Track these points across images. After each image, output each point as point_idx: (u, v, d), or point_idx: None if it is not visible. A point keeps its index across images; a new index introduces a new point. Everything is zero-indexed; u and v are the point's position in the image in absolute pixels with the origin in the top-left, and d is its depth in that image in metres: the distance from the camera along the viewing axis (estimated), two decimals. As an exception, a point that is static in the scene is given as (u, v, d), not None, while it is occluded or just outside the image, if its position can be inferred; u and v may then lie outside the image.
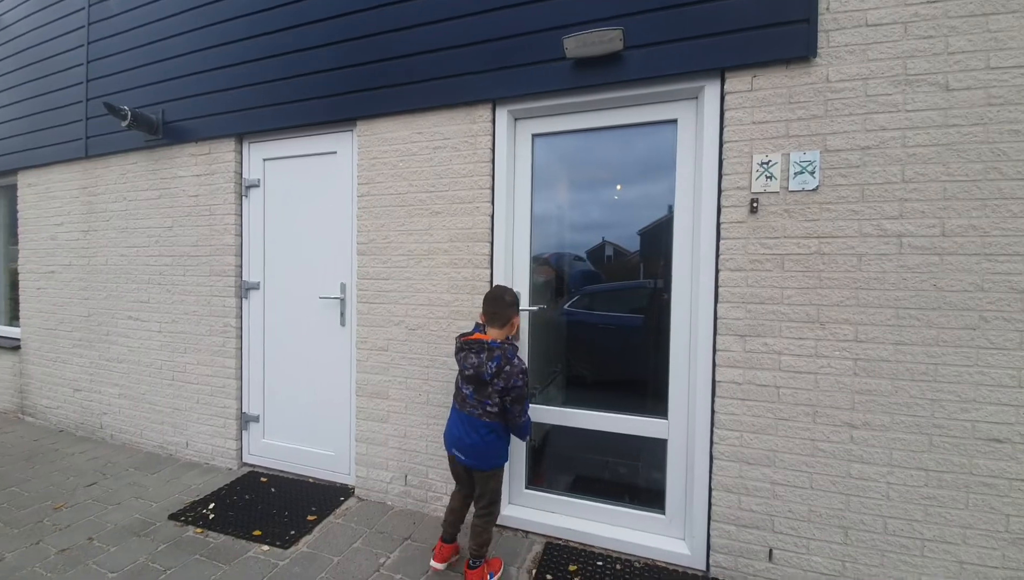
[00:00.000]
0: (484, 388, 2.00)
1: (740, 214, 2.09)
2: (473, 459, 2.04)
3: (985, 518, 1.86)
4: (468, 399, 2.04)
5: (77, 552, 2.32)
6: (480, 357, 2.00)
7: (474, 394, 2.03)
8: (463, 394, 2.07)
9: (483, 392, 2.01)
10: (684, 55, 2.16)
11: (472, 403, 2.03)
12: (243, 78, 3.08)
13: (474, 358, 2.00)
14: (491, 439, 2.03)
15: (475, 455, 2.03)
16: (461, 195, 2.59)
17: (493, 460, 2.07)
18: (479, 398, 2.02)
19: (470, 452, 2.03)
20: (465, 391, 2.06)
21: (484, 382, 1.99)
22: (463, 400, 2.07)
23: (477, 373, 1.99)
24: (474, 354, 2.01)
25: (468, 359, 2.02)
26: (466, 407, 2.05)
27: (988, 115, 1.84)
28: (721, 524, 2.14)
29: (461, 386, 2.08)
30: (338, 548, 2.37)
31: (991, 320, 1.83)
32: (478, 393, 2.02)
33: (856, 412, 1.95)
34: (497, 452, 2.07)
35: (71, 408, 3.99)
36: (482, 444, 2.02)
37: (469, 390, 2.04)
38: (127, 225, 3.63)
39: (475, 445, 2.02)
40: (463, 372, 2.05)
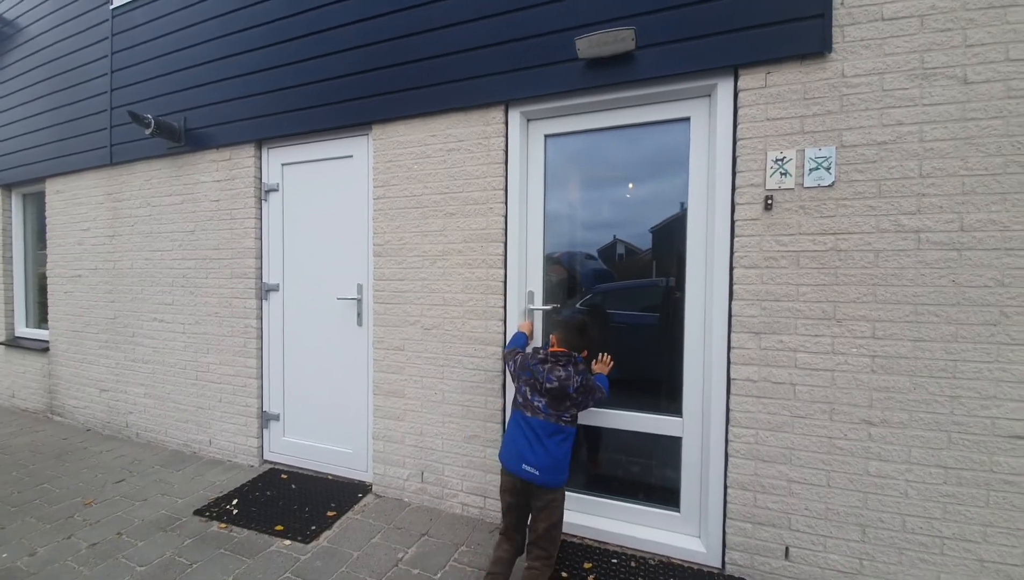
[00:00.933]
0: (563, 401, 1.93)
1: (754, 211, 2.09)
2: (548, 472, 1.88)
3: (1006, 516, 1.83)
4: (541, 410, 1.94)
5: (107, 546, 2.41)
6: (568, 370, 1.94)
7: (549, 406, 1.93)
8: (534, 405, 1.95)
9: (560, 405, 1.94)
10: (697, 53, 2.16)
11: (547, 414, 1.93)
12: (261, 85, 3.16)
13: (561, 371, 1.93)
14: (567, 447, 1.94)
15: (553, 467, 1.89)
16: (475, 196, 2.62)
17: (565, 473, 1.94)
18: (555, 410, 1.93)
19: (548, 461, 1.88)
20: (537, 402, 1.95)
21: (566, 395, 1.93)
22: (535, 410, 1.95)
23: (563, 385, 1.91)
24: (561, 367, 1.95)
25: (555, 371, 1.94)
26: (539, 415, 1.94)
27: (1008, 108, 1.81)
28: (737, 522, 2.14)
29: (531, 398, 1.97)
30: (357, 543, 2.42)
31: (1012, 315, 1.81)
32: (553, 405, 1.93)
33: (874, 409, 1.94)
34: (568, 463, 1.95)
35: (98, 408, 4.12)
36: (560, 451, 1.91)
37: (543, 402, 1.94)
38: (151, 229, 3.74)
39: (556, 454, 1.90)
40: (543, 385, 1.93)
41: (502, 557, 1.96)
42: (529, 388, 2.00)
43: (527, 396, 2.00)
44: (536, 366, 1.99)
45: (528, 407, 1.98)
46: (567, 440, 1.95)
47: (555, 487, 1.92)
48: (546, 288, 2.64)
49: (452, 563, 2.27)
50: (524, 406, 2.00)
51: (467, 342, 2.66)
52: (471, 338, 2.65)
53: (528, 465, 1.89)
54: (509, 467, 1.96)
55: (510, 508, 2.00)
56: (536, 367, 1.98)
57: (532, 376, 1.98)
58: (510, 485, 1.98)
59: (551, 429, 1.92)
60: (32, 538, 2.47)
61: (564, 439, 1.94)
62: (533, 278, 2.61)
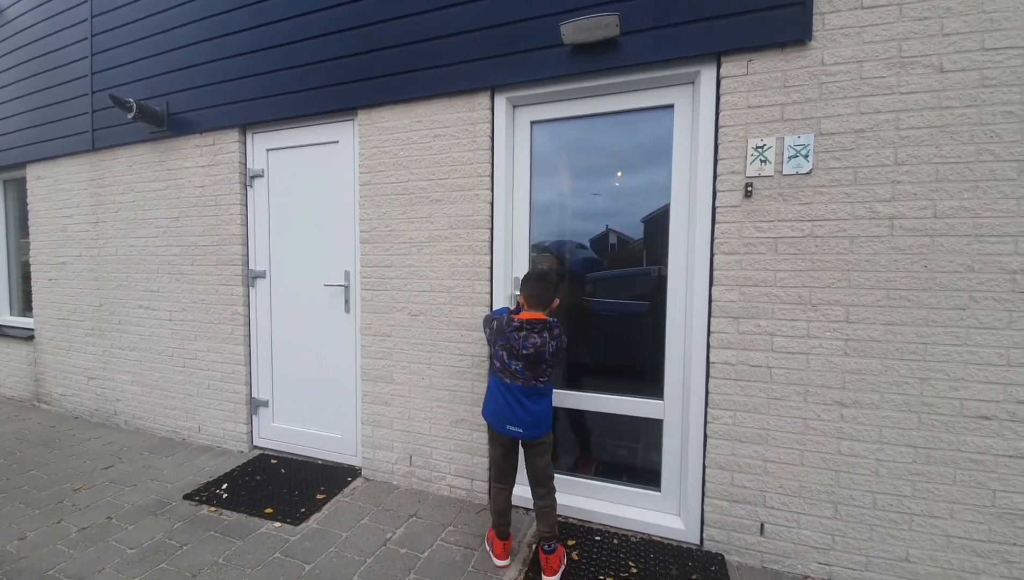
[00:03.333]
0: (539, 365, 1.99)
1: (735, 198, 2.13)
2: (532, 429, 2.02)
3: (972, 493, 1.91)
4: (519, 374, 2.00)
5: (97, 530, 2.43)
6: (543, 337, 1.97)
7: (526, 369, 1.99)
8: (512, 369, 2.01)
9: (537, 368, 2.00)
10: (680, 40, 2.17)
11: (524, 377, 2.00)
12: (245, 69, 3.12)
13: (536, 338, 1.96)
14: (547, 402, 2.07)
15: (534, 423, 2.02)
16: (461, 183, 2.63)
17: (549, 422, 2.08)
18: (532, 373, 2.00)
19: (529, 421, 2.01)
20: (515, 366, 2.00)
21: (542, 360, 1.98)
22: (513, 374, 2.01)
23: (538, 352, 1.96)
24: (536, 334, 1.97)
25: (530, 339, 1.96)
26: (518, 379, 2.01)
27: (982, 97, 1.85)
28: (714, 500, 2.21)
29: (508, 362, 2.01)
30: (347, 524, 2.47)
31: (980, 300, 1.87)
32: (530, 369, 1.99)
33: (846, 391, 2.00)
34: (550, 413, 2.09)
35: (85, 395, 4.11)
36: (540, 410, 2.03)
37: (520, 366, 1.99)
38: (135, 216, 3.70)
39: (537, 412, 2.02)
40: (519, 351, 1.97)
41: (504, 509, 2.15)
42: (505, 353, 2.03)
43: (504, 361, 2.04)
44: (512, 333, 2.00)
45: (506, 372, 2.04)
46: (545, 397, 2.07)
47: (542, 437, 2.06)
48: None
49: (439, 542, 2.33)
50: (502, 371, 2.05)
51: (454, 328, 2.69)
52: (458, 324, 2.68)
53: (512, 425, 2.03)
54: (495, 427, 2.09)
55: (500, 459, 2.14)
56: (512, 334, 2.00)
57: (508, 342, 2.01)
58: (499, 443, 2.12)
59: (530, 391, 2.02)
60: (22, 523, 2.48)
61: (542, 397, 2.05)
62: (520, 264, 2.63)
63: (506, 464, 2.14)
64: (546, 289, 2.04)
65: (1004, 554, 1.89)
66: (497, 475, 2.17)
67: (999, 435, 1.87)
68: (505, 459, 2.13)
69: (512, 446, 2.11)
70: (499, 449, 2.12)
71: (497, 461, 2.15)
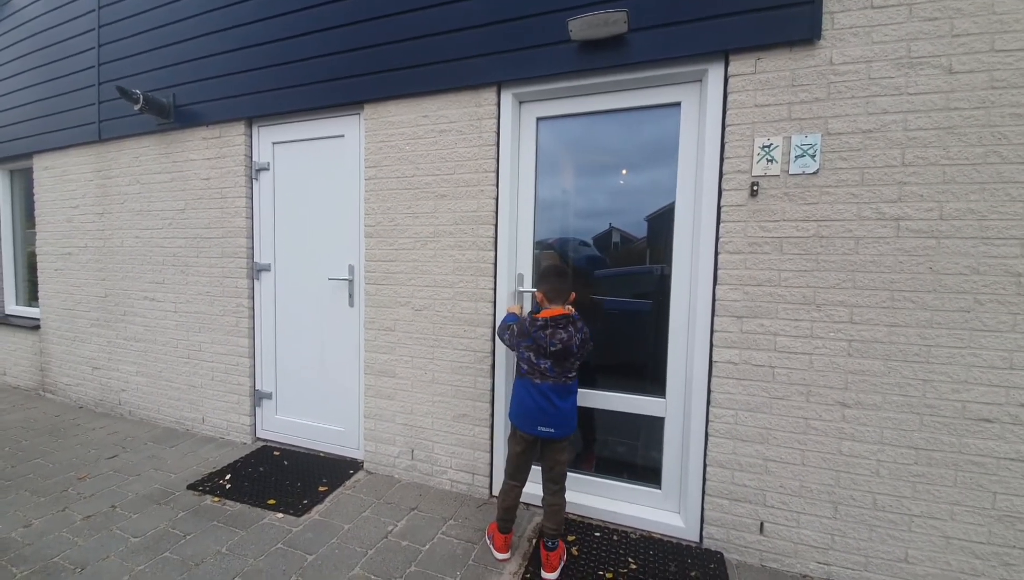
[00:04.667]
0: (567, 359, 2.02)
1: (740, 197, 2.12)
2: (562, 427, 2.04)
3: (973, 495, 1.91)
4: (549, 372, 2.02)
5: (101, 519, 2.45)
6: (569, 331, 2.00)
7: (554, 366, 2.01)
8: (541, 369, 2.02)
9: (566, 363, 2.02)
10: (689, 37, 2.16)
11: (554, 375, 2.02)
12: (251, 62, 3.12)
13: (563, 333, 1.99)
14: (574, 399, 2.09)
15: (565, 422, 2.04)
16: (466, 178, 2.63)
17: (575, 422, 2.10)
18: (560, 369, 2.02)
19: (561, 420, 2.03)
20: (543, 365, 2.02)
21: (570, 353, 2.01)
22: (543, 374, 2.02)
23: (566, 347, 1.98)
24: (562, 329, 2.00)
25: (557, 335, 1.99)
26: (548, 379, 2.02)
27: (990, 98, 1.84)
28: (715, 498, 2.22)
29: (537, 362, 2.03)
30: (348, 516, 2.49)
31: (985, 303, 1.86)
32: (559, 364, 2.01)
33: (848, 392, 2.00)
34: (576, 413, 2.11)
35: (90, 385, 4.14)
36: (570, 407, 2.06)
37: (548, 364, 2.01)
38: (141, 208, 3.72)
39: (567, 411, 2.04)
40: (548, 349, 1.99)
41: (512, 505, 2.17)
42: (532, 353, 2.04)
43: (532, 362, 2.05)
44: (537, 333, 2.02)
45: (535, 373, 2.04)
46: (573, 394, 2.09)
47: (566, 438, 2.08)
48: (536, 271, 2.67)
49: (440, 535, 2.34)
50: (531, 373, 2.06)
51: (457, 323, 2.70)
52: (461, 319, 2.69)
53: (543, 426, 2.03)
54: (524, 430, 2.08)
55: (519, 455, 2.14)
56: (537, 334, 2.02)
57: (534, 342, 2.03)
58: (522, 441, 2.11)
59: (561, 391, 2.03)
60: (26, 511, 2.51)
61: (571, 394, 2.07)
62: (524, 261, 2.64)
63: (524, 461, 2.15)
64: (564, 282, 2.08)
65: (1003, 556, 1.89)
66: (513, 472, 2.16)
67: (1001, 438, 1.87)
68: (524, 456, 2.13)
69: (534, 443, 2.11)
70: (521, 445, 2.12)
71: (516, 458, 2.14)
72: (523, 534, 2.36)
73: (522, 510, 2.55)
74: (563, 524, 2.11)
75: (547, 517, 2.11)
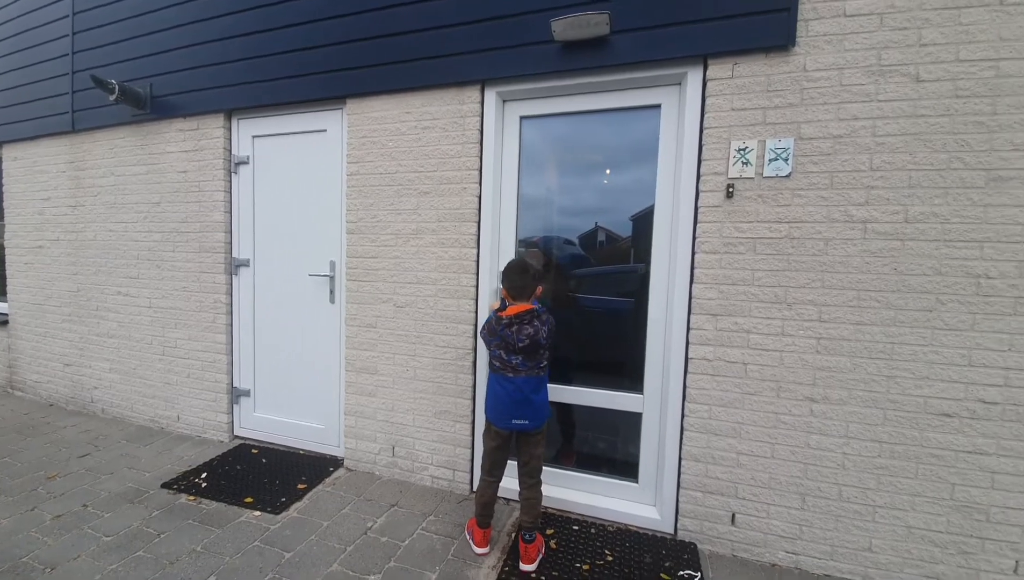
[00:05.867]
0: (537, 351, 2.08)
1: (717, 199, 2.17)
2: (536, 419, 2.11)
3: (933, 487, 2.00)
4: (521, 367, 2.08)
5: (72, 518, 2.40)
6: (535, 325, 2.05)
7: (526, 361, 2.08)
8: (512, 364, 2.08)
9: (535, 355, 2.09)
10: (669, 41, 2.20)
11: (526, 369, 2.08)
12: (232, 53, 3.07)
13: (529, 328, 2.04)
14: (546, 392, 2.19)
15: (537, 413, 2.11)
16: (449, 175, 2.64)
17: (547, 412, 2.18)
18: (532, 362, 2.09)
19: (534, 412, 2.10)
20: (515, 361, 2.08)
21: (539, 346, 2.06)
22: (515, 369, 2.08)
23: (534, 341, 2.03)
24: (528, 324, 2.05)
25: (523, 331, 2.04)
26: (521, 373, 2.08)
27: (955, 106, 1.91)
28: (689, 491, 2.28)
29: (508, 358, 2.09)
30: (328, 513, 2.48)
31: (947, 302, 1.94)
32: (530, 358, 2.08)
33: (816, 387, 2.08)
34: (547, 403, 2.20)
35: (61, 383, 4.03)
36: (543, 398, 2.14)
37: (519, 359, 2.07)
38: (116, 200, 3.63)
39: (539, 402, 2.12)
40: (516, 345, 2.04)
41: (490, 500, 2.20)
42: (503, 351, 2.10)
43: (503, 358, 2.11)
44: (503, 330, 2.07)
45: (508, 368, 2.10)
46: (543, 385, 2.17)
47: (540, 429, 2.15)
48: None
49: (420, 531, 2.36)
50: (503, 368, 2.11)
51: (439, 320, 2.71)
52: (443, 316, 2.70)
53: (517, 419, 2.10)
54: (499, 425, 2.13)
55: (495, 450, 2.18)
56: (504, 332, 2.07)
57: (503, 340, 2.08)
58: (497, 436, 2.16)
59: (535, 383, 2.10)
60: (-7, 510, 2.44)
61: (541, 386, 2.15)
62: (506, 259, 2.65)
63: (500, 457, 2.19)
64: (527, 279, 2.11)
65: (961, 545, 1.98)
66: (490, 467, 2.20)
67: (960, 432, 1.96)
68: (500, 451, 2.18)
69: (509, 438, 2.17)
70: (497, 441, 2.16)
71: (492, 453, 2.18)
72: (503, 528, 2.39)
73: (501, 505, 2.57)
74: (540, 517, 2.17)
75: (524, 511, 2.15)
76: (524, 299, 2.10)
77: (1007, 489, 1.93)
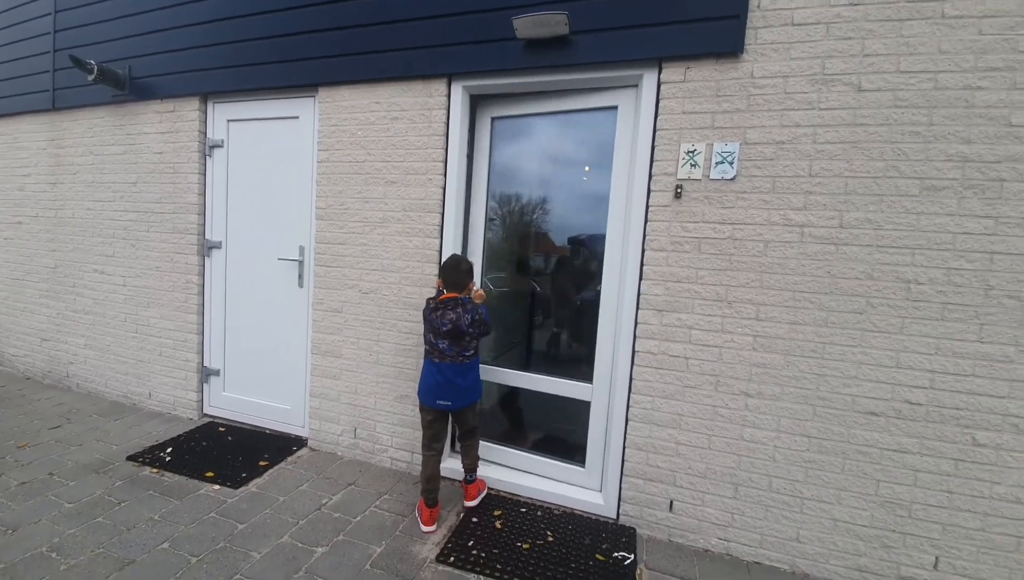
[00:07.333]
0: (461, 338, 2.22)
1: (666, 198, 2.25)
2: (462, 400, 2.27)
3: (858, 482, 2.09)
4: (447, 351, 2.22)
5: (37, 485, 2.48)
6: (457, 312, 2.20)
7: (452, 346, 2.22)
8: (439, 348, 2.23)
9: (460, 342, 2.23)
10: (627, 43, 2.26)
11: (452, 354, 2.22)
12: (208, 37, 3.11)
13: (451, 314, 2.19)
14: (475, 375, 2.33)
15: (463, 396, 2.27)
16: (415, 166, 2.70)
17: (476, 394, 2.35)
18: (457, 348, 2.23)
19: (459, 395, 2.25)
20: (441, 345, 2.23)
21: (462, 333, 2.20)
22: (441, 353, 2.23)
23: (456, 326, 2.19)
24: (451, 310, 2.20)
25: (446, 316, 2.19)
26: (446, 358, 2.23)
27: (893, 116, 1.98)
28: (631, 478, 2.37)
29: (436, 342, 2.24)
30: (285, 490, 2.57)
31: (877, 306, 2.03)
32: (456, 344, 2.22)
33: (752, 383, 2.16)
34: (478, 383, 2.36)
35: (38, 357, 4.09)
36: (470, 383, 2.29)
37: (445, 343, 2.22)
38: (93, 179, 3.67)
39: (466, 387, 2.26)
40: (440, 329, 2.20)
41: (433, 475, 2.31)
42: (432, 334, 2.26)
43: (432, 342, 2.26)
44: (431, 314, 2.25)
45: (435, 352, 2.26)
46: (473, 369, 2.32)
47: (469, 406, 2.33)
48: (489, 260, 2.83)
49: (373, 508, 2.45)
50: (431, 353, 2.28)
51: (402, 307, 2.78)
52: (406, 303, 2.77)
53: (441, 400, 2.26)
54: (426, 403, 2.30)
55: (429, 424, 2.33)
56: (431, 316, 2.25)
57: (430, 323, 2.26)
58: (429, 412, 2.32)
59: (459, 369, 2.24)
60: (-40, 476, 2.52)
61: (470, 370, 2.29)
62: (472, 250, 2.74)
63: (436, 431, 2.34)
64: (460, 275, 2.27)
65: (884, 539, 2.08)
66: (428, 442, 2.34)
67: (885, 430, 2.05)
68: (434, 425, 2.33)
69: (441, 415, 2.33)
70: (429, 416, 2.32)
71: (428, 427, 2.33)
72: (452, 509, 2.48)
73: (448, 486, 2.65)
74: (477, 460, 2.47)
75: (464, 456, 2.45)
76: (457, 290, 2.26)
77: (929, 487, 2.02)
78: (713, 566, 2.17)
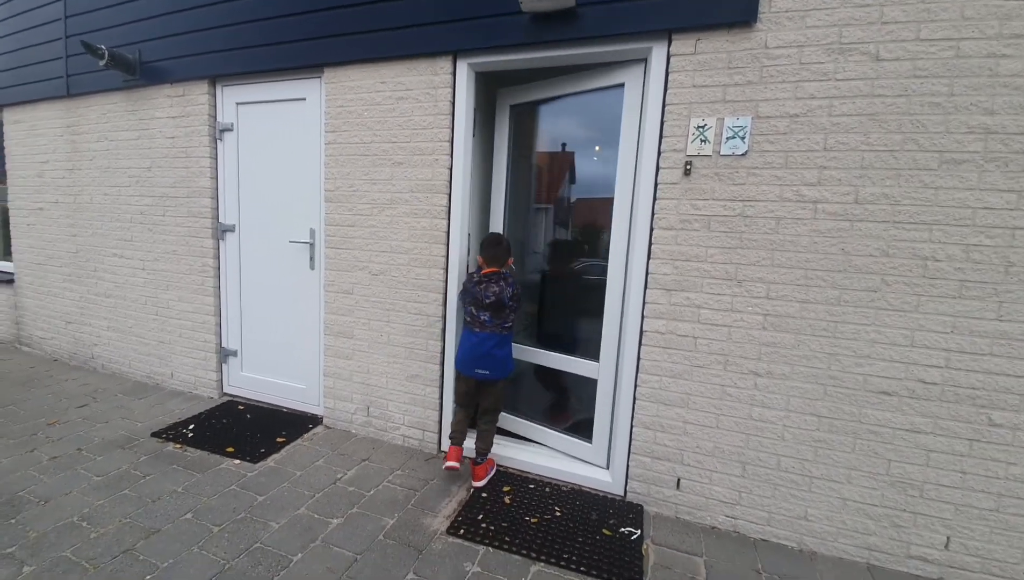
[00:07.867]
0: (502, 310, 2.39)
1: (675, 176, 2.21)
2: (497, 371, 2.42)
3: (869, 462, 2.08)
4: (488, 322, 2.39)
5: (67, 459, 2.60)
6: (500, 285, 2.37)
7: (493, 318, 2.39)
8: (480, 320, 2.40)
9: (501, 313, 2.39)
10: (634, 14, 2.19)
11: (492, 325, 2.39)
12: (215, 20, 3.11)
13: (495, 287, 2.36)
14: (509, 348, 2.48)
15: (499, 366, 2.42)
16: (422, 147, 2.69)
17: (510, 366, 2.49)
18: (498, 320, 2.40)
19: (496, 365, 2.41)
20: (483, 317, 2.39)
21: (503, 305, 2.37)
22: (482, 324, 2.40)
23: (499, 299, 2.35)
24: (494, 284, 2.37)
25: (490, 289, 2.36)
26: (487, 328, 2.39)
27: (912, 87, 1.90)
28: (639, 456, 2.39)
29: (477, 314, 2.41)
30: (302, 465, 2.65)
31: (892, 283, 1.98)
32: (497, 316, 2.39)
33: (761, 362, 2.15)
34: (511, 358, 2.50)
35: (64, 339, 4.24)
36: (505, 354, 2.45)
37: (487, 315, 2.39)
38: (109, 165, 3.74)
39: (504, 357, 2.43)
40: (483, 301, 2.36)
41: (461, 421, 2.57)
42: (473, 307, 2.43)
43: (473, 314, 2.44)
44: (474, 288, 2.42)
45: (476, 323, 2.43)
46: (507, 342, 2.47)
47: (501, 379, 2.48)
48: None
49: (386, 483, 2.51)
50: (472, 323, 2.46)
51: (411, 288, 2.81)
52: (415, 285, 2.79)
53: (480, 369, 2.42)
54: (465, 372, 2.48)
55: (464, 394, 2.57)
56: (474, 289, 2.42)
57: (473, 297, 2.41)
58: (466, 382, 2.53)
59: (496, 340, 2.41)
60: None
61: (504, 343, 2.45)
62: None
63: (469, 397, 2.57)
64: (499, 249, 2.46)
65: (894, 519, 2.07)
66: (461, 403, 2.59)
67: (898, 410, 2.02)
68: (468, 394, 2.56)
69: (475, 385, 2.52)
70: (465, 385, 2.54)
71: (462, 395, 2.58)
72: (463, 485, 2.54)
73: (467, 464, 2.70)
74: (490, 445, 2.55)
75: (478, 439, 2.52)
76: (497, 265, 2.43)
77: (942, 467, 2.00)
78: (720, 543, 2.19)
